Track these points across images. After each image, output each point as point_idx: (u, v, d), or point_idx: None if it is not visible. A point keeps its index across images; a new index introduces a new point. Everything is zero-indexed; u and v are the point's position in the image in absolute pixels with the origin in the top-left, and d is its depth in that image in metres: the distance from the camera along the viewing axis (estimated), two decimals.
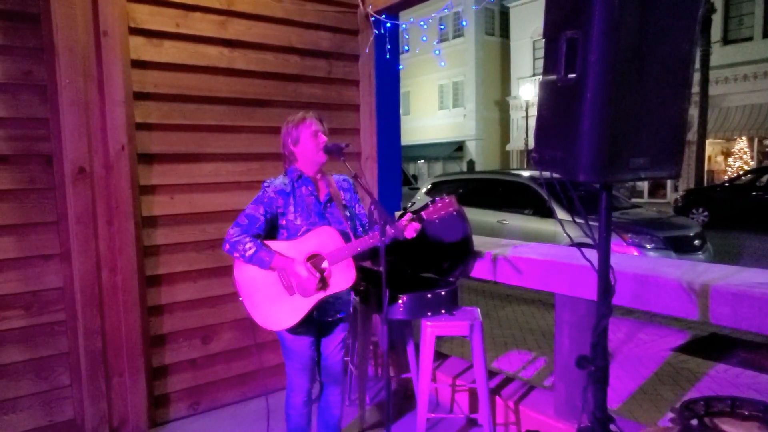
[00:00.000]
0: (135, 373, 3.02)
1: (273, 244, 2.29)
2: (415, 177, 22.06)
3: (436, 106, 29.86)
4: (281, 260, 2.24)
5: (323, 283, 2.29)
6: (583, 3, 1.36)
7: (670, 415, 1.44)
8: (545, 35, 1.51)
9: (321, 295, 2.29)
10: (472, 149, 28.07)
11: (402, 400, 3.46)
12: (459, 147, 28.34)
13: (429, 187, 9.35)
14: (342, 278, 2.31)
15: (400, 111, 4.39)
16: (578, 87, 1.39)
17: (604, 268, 1.60)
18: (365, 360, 3.20)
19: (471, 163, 27.58)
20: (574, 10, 1.40)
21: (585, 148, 1.39)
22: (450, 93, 29.09)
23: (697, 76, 16.86)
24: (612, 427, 1.61)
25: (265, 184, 2.36)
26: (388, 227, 2.23)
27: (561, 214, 2.23)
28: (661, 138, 1.46)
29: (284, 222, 2.35)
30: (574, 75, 1.40)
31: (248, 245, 2.22)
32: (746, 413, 1.43)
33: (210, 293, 3.33)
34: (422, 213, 2.34)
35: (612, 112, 1.37)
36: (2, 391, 2.73)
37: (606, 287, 1.60)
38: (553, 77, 1.47)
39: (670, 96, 1.46)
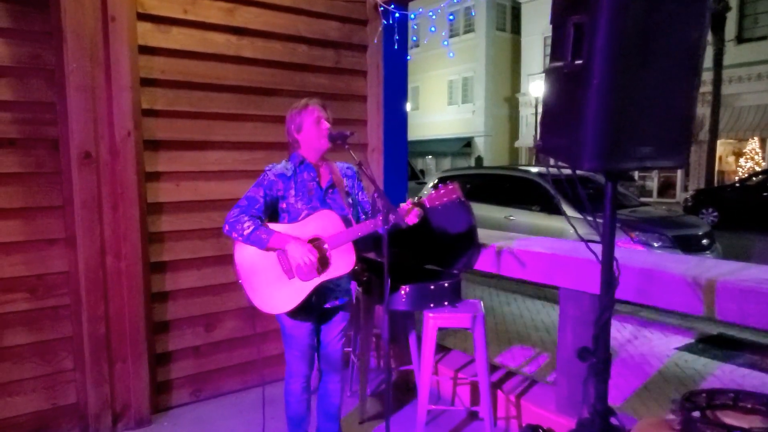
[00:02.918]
0: (138, 358, 3.03)
1: (273, 226, 2.30)
2: (422, 172, 22.02)
3: (445, 102, 29.73)
4: (279, 238, 2.23)
5: (322, 263, 2.27)
6: None
7: (672, 407, 1.42)
8: (552, 21, 1.49)
9: (320, 279, 2.29)
10: (480, 145, 27.95)
11: (403, 392, 3.45)
12: (467, 143, 28.23)
13: (436, 181, 9.32)
14: (342, 263, 2.31)
15: (409, 106, 4.37)
16: (584, 73, 1.36)
17: (608, 260, 1.58)
18: (367, 351, 3.19)
19: (479, 160, 27.48)
20: None
21: (590, 136, 1.37)
22: (459, 89, 28.94)
23: (710, 75, 16.68)
24: (612, 420, 1.59)
25: (267, 168, 2.38)
26: (390, 214, 2.21)
27: (569, 210, 2.20)
28: (668, 127, 1.44)
29: (285, 206, 2.36)
30: (580, 61, 1.37)
31: (246, 224, 2.23)
32: (749, 406, 1.41)
33: (214, 281, 3.33)
34: (424, 199, 2.32)
35: (618, 99, 1.35)
36: (6, 373, 2.75)
37: (609, 279, 1.58)
38: (559, 64, 1.45)
39: (677, 85, 1.43)
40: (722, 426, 1.35)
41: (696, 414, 1.40)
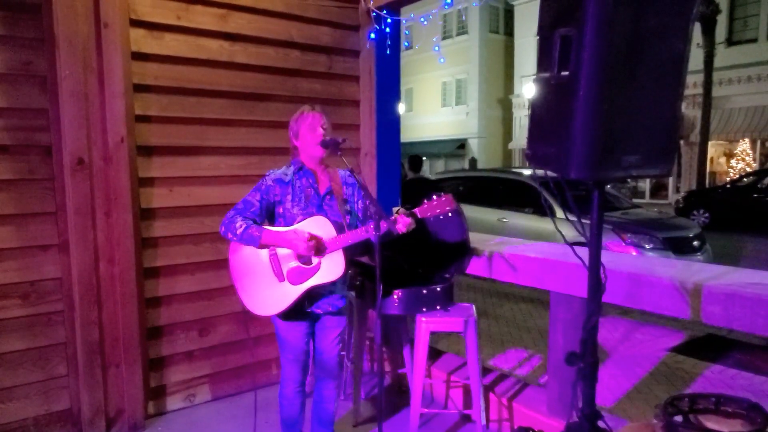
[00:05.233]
0: (131, 364, 3.04)
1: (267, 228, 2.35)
2: None
3: (439, 104, 29.78)
4: (271, 234, 2.30)
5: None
6: (578, 0, 1.37)
7: (656, 411, 1.46)
8: (539, 32, 1.52)
9: (309, 284, 2.32)
10: (474, 147, 28.03)
11: (397, 395, 3.47)
12: (461, 145, 28.30)
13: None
14: (332, 269, 2.33)
15: (403, 108, 4.40)
16: (571, 84, 1.39)
17: (595, 265, 1.61)
18: (360, 355, 3.21)
19: (473, 161, 27.55)
20: (569, 8, 1.40)
21: (577, 146, 1.40)
22: (453, 90, 29.01)
23: (700, 77, 16.82)
24: (600, 423, 1.62)
25: (267, 173, 2.44)
26: (381, 222, 2.24)
27: (560, 213, 2.23)
28: (654, 136, 1.47)
29: (281, 210, 2.40)
30: (567, 72, 1.40)
31: (239, 224, 2.30)
32: (730, 411, 1.45)
33: (207, 286, 3.34)
34: (416, 210, 2.35)
35: (605, 109, 1.38)
36: None
37: (597, 284, 1.61)
38: (546, 74, 1.48)
39: (663, 94, 1.46)
40: (704, 430, 1.39)
41: (678, 418, 1.43)
